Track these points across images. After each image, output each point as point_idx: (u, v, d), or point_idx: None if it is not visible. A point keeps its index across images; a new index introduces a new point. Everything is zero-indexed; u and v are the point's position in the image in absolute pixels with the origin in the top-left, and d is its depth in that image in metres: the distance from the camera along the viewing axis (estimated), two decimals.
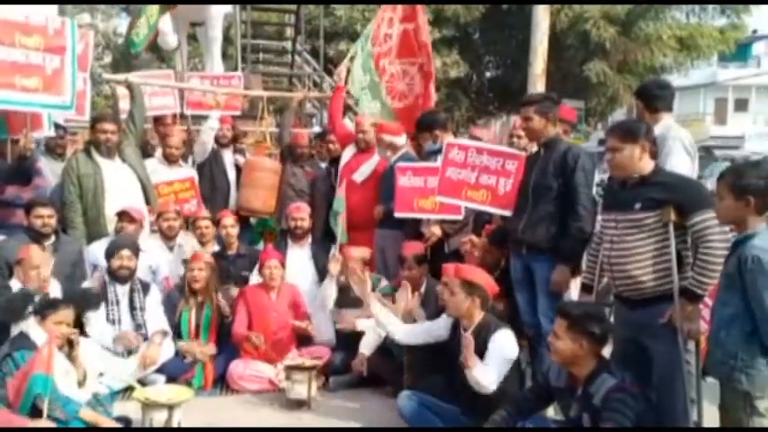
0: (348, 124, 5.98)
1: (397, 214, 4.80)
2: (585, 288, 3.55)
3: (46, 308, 3.42)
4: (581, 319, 2.85)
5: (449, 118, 5.49)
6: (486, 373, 3.33)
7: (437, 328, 3.77)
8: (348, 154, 5.43)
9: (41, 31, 4.51)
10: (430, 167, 4.71)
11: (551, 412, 3.51)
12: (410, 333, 3.89)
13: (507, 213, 4.00)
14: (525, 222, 3.78)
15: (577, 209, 3.62)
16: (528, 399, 3.19)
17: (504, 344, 3.43)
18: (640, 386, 2.85)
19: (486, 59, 15.01)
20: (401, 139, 5.32)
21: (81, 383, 3.57)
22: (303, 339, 4.73)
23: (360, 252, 4.79)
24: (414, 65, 5.94)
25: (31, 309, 3.42)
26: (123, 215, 4.81)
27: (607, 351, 3.12)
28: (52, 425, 2.99)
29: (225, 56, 9.74)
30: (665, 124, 3.87)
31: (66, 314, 3.47)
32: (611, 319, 3.43)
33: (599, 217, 3.53)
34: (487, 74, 15.48)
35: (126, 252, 4.45)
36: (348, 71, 5.95)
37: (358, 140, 5.37)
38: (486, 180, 4.08)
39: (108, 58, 15.74)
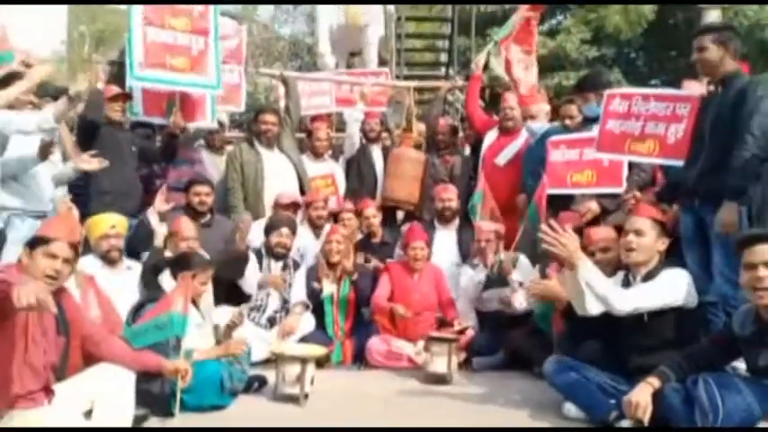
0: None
1: (549, 191, 4.40)
2: None
3: (183, 266, 3.45)
4: None
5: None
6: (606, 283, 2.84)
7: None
8: (491, 137, 5.23)
9: (187, 12, 4.86)
10: (585, 138, 4.32)
11: None
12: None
13: (679, 163, 3.54)
14: (700, 169, 3.31)
15: (745, 136, 3.08)
16: (705, 350, 2.70)
17: (672, 276, 2.93)
18: None
19: (652, 83, 14.06)
20: (546, 107, 5.06)
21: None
22: (445, 323, 4.45)
23: (492, 225, 4.61)
24: (530, 53, 5.68)
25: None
26: (290, 206, 5.00)
27: None
28: (188, 366, 2.98)
29: None
30: None
31: (207, 275, 3.53)
32: None
33: None
34: None
35: (285, 230, 4.56)
36: (486, 64, 5.81)
37: (502, 120, 5.15)
38: (652, 129, 3.67)
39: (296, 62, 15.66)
